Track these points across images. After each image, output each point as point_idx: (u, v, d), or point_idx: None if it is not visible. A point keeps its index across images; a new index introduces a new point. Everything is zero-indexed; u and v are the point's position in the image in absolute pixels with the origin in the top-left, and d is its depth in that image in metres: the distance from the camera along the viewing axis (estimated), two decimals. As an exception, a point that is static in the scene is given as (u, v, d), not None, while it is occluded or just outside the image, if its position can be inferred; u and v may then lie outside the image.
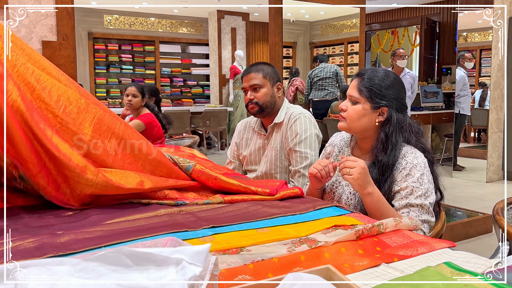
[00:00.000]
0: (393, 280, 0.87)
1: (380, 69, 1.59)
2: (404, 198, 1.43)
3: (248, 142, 2.20)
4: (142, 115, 3.55)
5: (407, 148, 1.51)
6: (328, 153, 1.74)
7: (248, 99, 2.07)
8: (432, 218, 1.46)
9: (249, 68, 2.11)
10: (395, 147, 1.48)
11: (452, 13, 7.56)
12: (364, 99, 1.51)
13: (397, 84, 1.56)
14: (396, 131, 1.50)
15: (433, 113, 6.65)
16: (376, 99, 1.51)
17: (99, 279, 0.56)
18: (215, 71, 8.60)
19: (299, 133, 2.00)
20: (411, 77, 5.51)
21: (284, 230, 1.15)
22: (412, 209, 1.42)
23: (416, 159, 1.48)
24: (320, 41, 7.53)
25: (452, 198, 4.56)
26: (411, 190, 1.43)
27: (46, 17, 2.68)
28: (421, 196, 1.43)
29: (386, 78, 1.53)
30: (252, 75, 2.06)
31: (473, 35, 6.31)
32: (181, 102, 9.10)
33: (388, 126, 1.51)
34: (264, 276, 0.90)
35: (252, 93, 2.06)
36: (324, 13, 7.27)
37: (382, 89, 1.51)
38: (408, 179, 1.45)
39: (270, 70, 2.10)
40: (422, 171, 1.46)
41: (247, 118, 2.29)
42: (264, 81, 2.07)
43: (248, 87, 2.07)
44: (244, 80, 2.10)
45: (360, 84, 1.53)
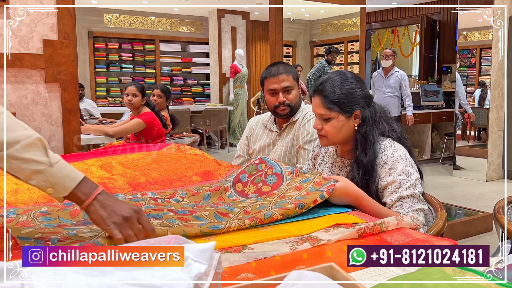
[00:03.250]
0: (395, 278, 0.87)
1: (333, 76, 1.55)
2: (394, 193, 1.44)
3: (258, 137, 2.21)
4: (143, 114, 3.55)
5: (386, 142, 1.52)
6: (316, 154, 1.77)
7: (280, 101, 2.02)
8: (425, 206, 1.47)
9: (277, 69, 2.03)
10: (373, 144, 1.50)
11: (452, 12, 7.56)
12: (336, 113, 1.50)
13: (355, 81, 1.54)
14: (372, 128, 1.52)
15: (433, 112, 6.65)
16: (347, 108, 1.50)
17: (105, 277, 0.56)
18: (215, 70, 8.60)
19: (311, 132, 2.01)
20: (398, 77, 5.54)
21: (286, 228, 1.15)
22: (404, 201, 1.43)
23: (396, 152, 1.49)
24: (321, 40, 7.53)
25: (452, 197, 4.56)
26: (399, 184, 1.44)
27: (47, 16, 2.68)
28: (410, 187, 1.44)
29: (345, 82, 1.52)
30: (284, 77, 2.01)
31: (473, 34, 6.32)
32: (181, 101, 9.10)
33: (364, 126, 1.52)
34: (266, 274, 0.90)
35: (284, 95, 2.02)
36: (324, 12, 7.26)
37: (347, 95, 1.50)
38: (393, 173, 1.46)
39: (294, 71, 2.06)
40: (404, 162, 1.47)
41: (260, 115, 2.29)
42: (294, 83, 2.04)
43: (280, 89, 2.02)
44: (273, 81, 2.02)
45: (325, 101, 1.51)
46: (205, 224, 1.13)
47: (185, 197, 1.39)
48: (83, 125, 3.61)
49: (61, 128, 2.80)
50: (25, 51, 2.64)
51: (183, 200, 1.37)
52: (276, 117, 2.14)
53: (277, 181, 1.41)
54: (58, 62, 2.72)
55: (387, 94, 5.55)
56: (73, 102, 2.80)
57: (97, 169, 1.78)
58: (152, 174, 1.69)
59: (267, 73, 2.05)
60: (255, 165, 1.50)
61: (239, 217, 1.19)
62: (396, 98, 5.55)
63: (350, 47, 7.11)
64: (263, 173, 1.46)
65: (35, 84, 2.70)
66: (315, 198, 1.26)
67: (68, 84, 2.77)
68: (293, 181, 1.39)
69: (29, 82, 2.69)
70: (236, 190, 1.43)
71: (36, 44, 2.67)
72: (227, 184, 1.45)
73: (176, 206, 1.29)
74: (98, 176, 1.66)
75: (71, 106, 2.80)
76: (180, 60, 9.21)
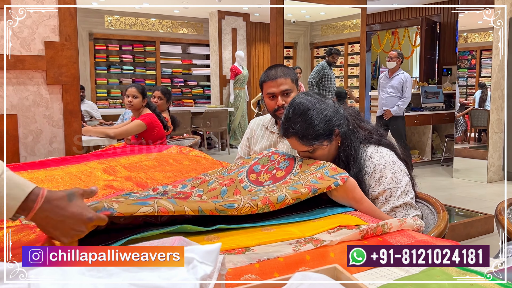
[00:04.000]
0: (398, 279, 0.87)
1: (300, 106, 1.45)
2: (386, 203, 1.42)
3: (259, 138, 2.22)
4: (143, 115, 3.55)
5: (370, 149, 1.50)
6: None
7: (279, 105, 2.02)
8: (419, 212, 1.46)
9: (275, 72, 2.03)
10: (356, 157, 1.47)
11: (453, 13, 7.56)
12: (319, 145, 1.45)
13: (320, 105, 1.46)
14: (350, 141, 1.49)
15: (433, 114, 6.66)
16: (326, 135, 1.45)
17: (111, 278, 0.57)
18: (216, 71, 8.60)
19: None
20: (402, 79, 5.62)
21: (289, 229, 1.15)
22: (398, 210, 1.42)
23: (383, 158, 1.46)
24: (321, 42, 7.54)
25: (452, 199, 4.56)
26: (389, 193, 1.42)
27: (48, 17, 2.68)
28: (401, 195, 1.42)
29: (312, 113, 1.44)
30: (282, 80, 2.01)
31: (473, 36, 6.32)
32: (182, 103, 9.10)
33: (344, 143, 1.49)
34: (270, 276, 0.90)
35: (283, 98, 2.01)
36: (324, 13, 7.27)
37: (322, 125, 1.43)
38: (383, 182, 1.43)
39: (293, 73, 2.06)
40: (392, 168, 1.44)
41: (261, 116, 2.29)
42: (293, 85, 2.04)
43: (278, 92, 2.02)
44: (272, 85, 2.03)
45: (304, 141, 1.44)
46: (219, 202, 1.15)
47: (202, 194, 1.39)
48: (84, 127, 3.62)
49: (62, 130, 2.81)
50: (26, 52, 2.65)
51: (201, 198, 1.38)
52: (276, 119, 2.14)
53: (289, 164, 1.42)
54: (59, 64, 2.72)
55: (389, 94, 5.62)
56: (75, 103, 2.81)
57: (101, 173, 1.78)
58: (157, 177, 1.69)
59: (266, 76, 2.06)
60: (267, 157, 1.51)
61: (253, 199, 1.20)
62: (398, 99, 5.61)
63: (351, 49, 7.12)
64: (275, 161, 1.47)
65: (36, 85, 2.71)
66: (329, 185, 1.26)
67: (70, 85, 2.77)
68: (305, 165, 1.39)
69: (31, 84, 2.69)
70: (251, 180, 1.43)
71: (38, 45, 2.68)
72: (241, 176, 1.45)
73: None
74: (103, 180, 1.66)
75: (72, 107, 2.81)
76: (181, 61, 9.22)
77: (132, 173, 1.77)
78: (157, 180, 1.67)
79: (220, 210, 1.12)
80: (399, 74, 5.64)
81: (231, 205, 1.13)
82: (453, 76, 7.46)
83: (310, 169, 1.37)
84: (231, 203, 1.14)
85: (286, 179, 1.37)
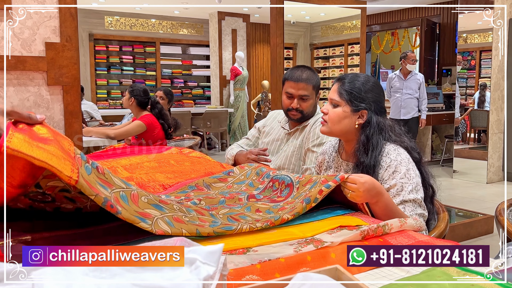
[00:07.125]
0: (399, 280, 0.88)
1: (361, 74, 1.63)
2: (396, 196, 1.46)
3: (270, 131, 2.23)
4: (144, 116, 3.57)
5: (390, 147, 1.55)
6: (320, 161, 1.78)
7: (294, 107, 2.03)
8: (425, 212, 1.49)
9: (300, 75, 2.03)
10: (376, 148, 1.52)
11: (452, 14, 7.57)
12: (344, 102, 1.56)
13: (376, 88, 1.60)
14: (376, 133, 1.54)
15: (433, 114, 6.66)
16: (355, 102, 1.55)
17: (114, 278, 0.57)
18: (216, 72, 8.61)
19: (320, 137, 2.03)
20: (419, 79, 5.69)
21: (290, 230, 1.15)
22: (407, 204, 1.45)
23: (399, 156, 1.51)
24: (321, 42, 7.55)
25: (452, 199, 4.57)
26: (401, 187, 1.46)
27: (49, 18, 2.69)
28: (412, 191, 1.46)
29: (366, 83, 1.58)
30: (303, 85, 2.02)
31: (473, 37, 6.33)
32: (182, 103, 9.11)
33: (369, 128, 1.55)
34: (271, 276, 0.91)
35: (299, 101, 2.03)
36: (324, 14, 7.28)
37: (361, 92, 1.55)
38: (396, 176, 1.48)
39: (317, 81, 2.07)
40: (407, 166, 1.49)
41: (278, 111, 2.30)
42: (313, 93, 2.06)
43: (296, 95, 2.03)
44: (292, 86, 2.03)
45: (341, 87, 1.58)
46: (217, 225, 1.14)
47: (201, 199, 1.40)
48: (84, 128, 3.63)
49: (63, 131, 2.81)
50: (27, 53, 2.65)
51: (200, 202, 1.38)
52: (288, 118, 2.16)
53: (289, 190, 1.43)
54: (60, 65, 2.73)
55: (406, 96, 5.62)
56: (75, 104, 2.81)
57: (101, 173, 1.78)
58: (158, 178, 1.69)
59: (290, 75, 2.06)
60: (270, 188, 1.50)
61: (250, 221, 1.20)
62: (415, 100, 5.65)
63: (350, 50, 7.13)
64: (278, 190, 1.47)
65: (37, 86, 2.71)
66: (320, 189, 1.26)
67: (70, 86, 2.78)
68: (301, 187, 1.39)
69: (32, 85, 2.70)
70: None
71: (39, 46, 2.68)
72: (241, 196, 1.46)
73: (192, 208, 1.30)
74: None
75: (73, 108, 2.81)
76: (181, 62, 9.23)
77: (133, 174, 1.78)
78: (158, 181, 1.67)
79: (218, 232, 1.10)
80: (414, 74, 5.67)
81: (229, 228, 1.11)
82: (452, 76, 7.47)
83: (304, 189, 1.37)
84: (229, 226, 1.12)
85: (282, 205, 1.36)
